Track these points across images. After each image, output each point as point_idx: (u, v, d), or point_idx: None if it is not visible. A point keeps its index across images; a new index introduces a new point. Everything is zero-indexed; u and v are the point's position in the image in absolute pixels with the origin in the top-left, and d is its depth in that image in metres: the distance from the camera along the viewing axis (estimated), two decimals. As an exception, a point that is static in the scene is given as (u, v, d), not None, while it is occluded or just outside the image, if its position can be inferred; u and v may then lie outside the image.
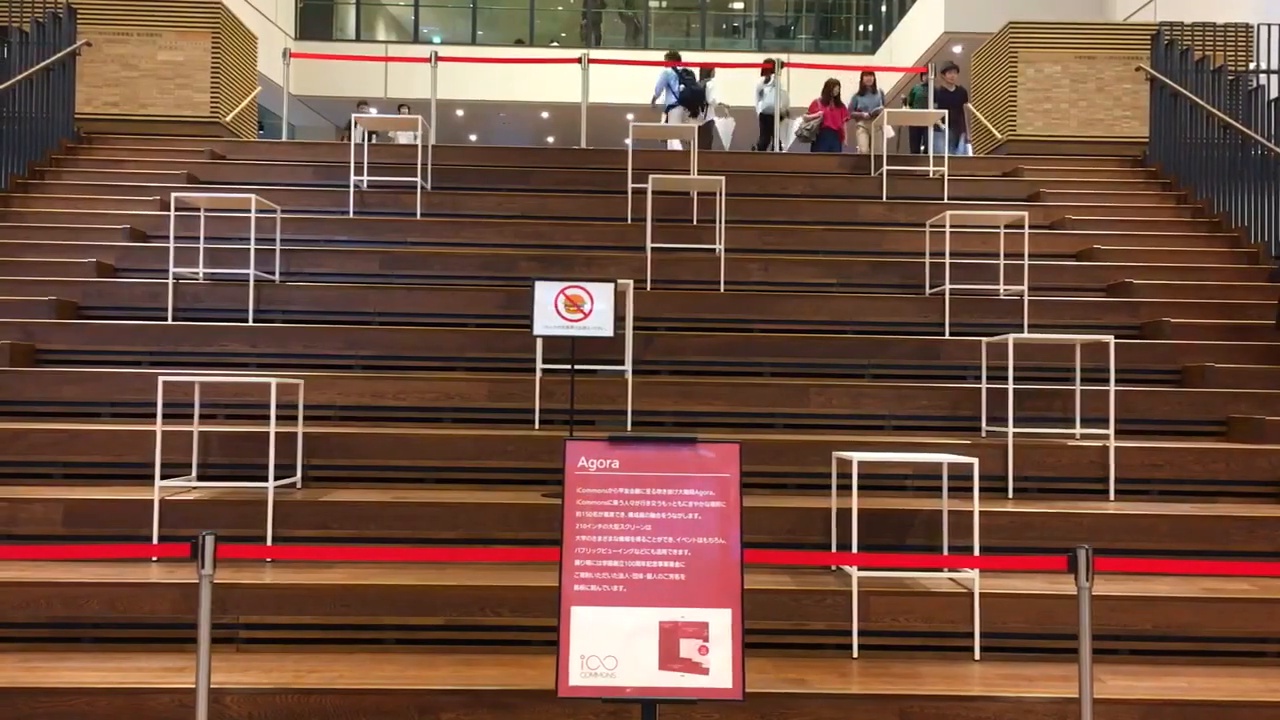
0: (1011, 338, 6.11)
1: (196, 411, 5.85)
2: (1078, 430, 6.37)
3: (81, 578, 4.74)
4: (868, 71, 14.05)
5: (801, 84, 20.36)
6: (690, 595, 3.56)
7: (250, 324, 7.35)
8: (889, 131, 12.73)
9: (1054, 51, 12.20)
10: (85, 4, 11.47)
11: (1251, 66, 11.35)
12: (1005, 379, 6.21)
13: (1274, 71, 10.84)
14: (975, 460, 4.84)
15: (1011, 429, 6.02)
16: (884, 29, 22.05)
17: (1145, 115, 11.62)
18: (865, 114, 13.70)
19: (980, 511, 4.95)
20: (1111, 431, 6.04)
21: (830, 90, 13.52)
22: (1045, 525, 5.40)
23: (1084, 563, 3.80)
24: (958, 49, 17.89)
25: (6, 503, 5.29)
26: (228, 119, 11.85)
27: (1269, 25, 11.29)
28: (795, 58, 20.81)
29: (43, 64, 10.11)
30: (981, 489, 5.09)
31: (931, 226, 8.20)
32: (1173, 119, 10.73)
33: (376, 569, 4.99)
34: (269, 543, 5.22)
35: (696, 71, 14.16)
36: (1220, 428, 6.67)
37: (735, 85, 20.23)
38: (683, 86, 13.88)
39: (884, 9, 22.36)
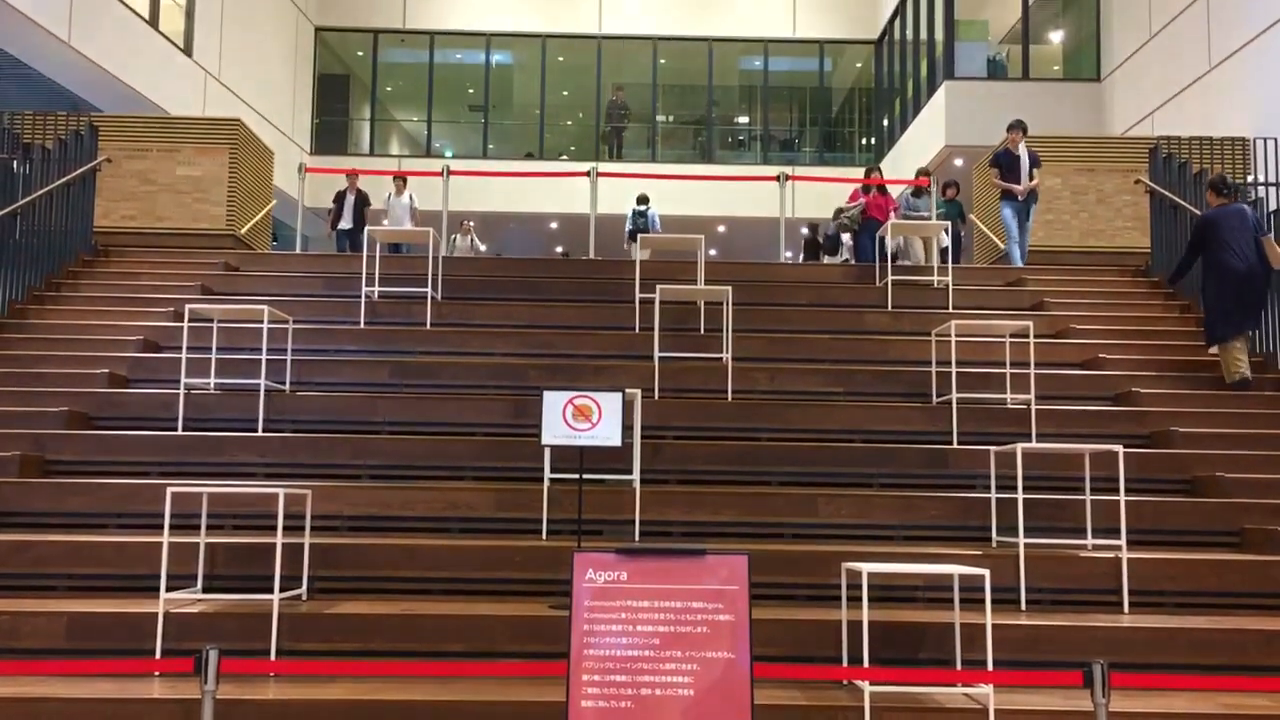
0: (1020, 447, 6.10)
1: (204, 522, 5.84)
2: (1089, 541, 6.31)
3: (82, 693, 4.68)
4: (925, 172, 13.22)
5: (806, 195, 20.74)
6: (700, 712, 3.50)
7: (260, 434, 7.38)
8: (944, 241, 12.33)
9: (1054, 164, 12.44)
10: (107, 121, 11.78)
11: (1249, 179, 11.54)
12: (1015, 489, 6.18)
13: (1273, 184, 11.02)
14: (986, 571, 4.80)
15: (1022, 539, 5.97)
16: (886, 142, 22.49)
17: (1146, 226, 11.77)
18: (922, 215, 12.75)
19: (993, 624, 4.89)
20: (1124, 542, 5.99)
21: (870, 176, 12.78)
22: (1059, 638, 5.33)
23: (1100, 678, 3.75)
24: (959, 162, 18.22)
25: (9, 616, 5.26)
26: (242, 231, 12.06)
27: (1264, 139, 11.51)
28: (800, 170, 21.22)
29: (63, 179, 10.34)
30: (994, 601, 5.03)
31: (937, 336, 8.26)
32: (1174, 230, 10.86)
33: (382, 684, 4.92)
34: (273, 656, 5.16)
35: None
36: (1233, 538, 6.61)
37: (747, 195, 20.61)
38: (631, 227, 15.65)
39: (885, 123, 22.84)
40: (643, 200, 16.13)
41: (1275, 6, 12.62)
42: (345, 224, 14.66)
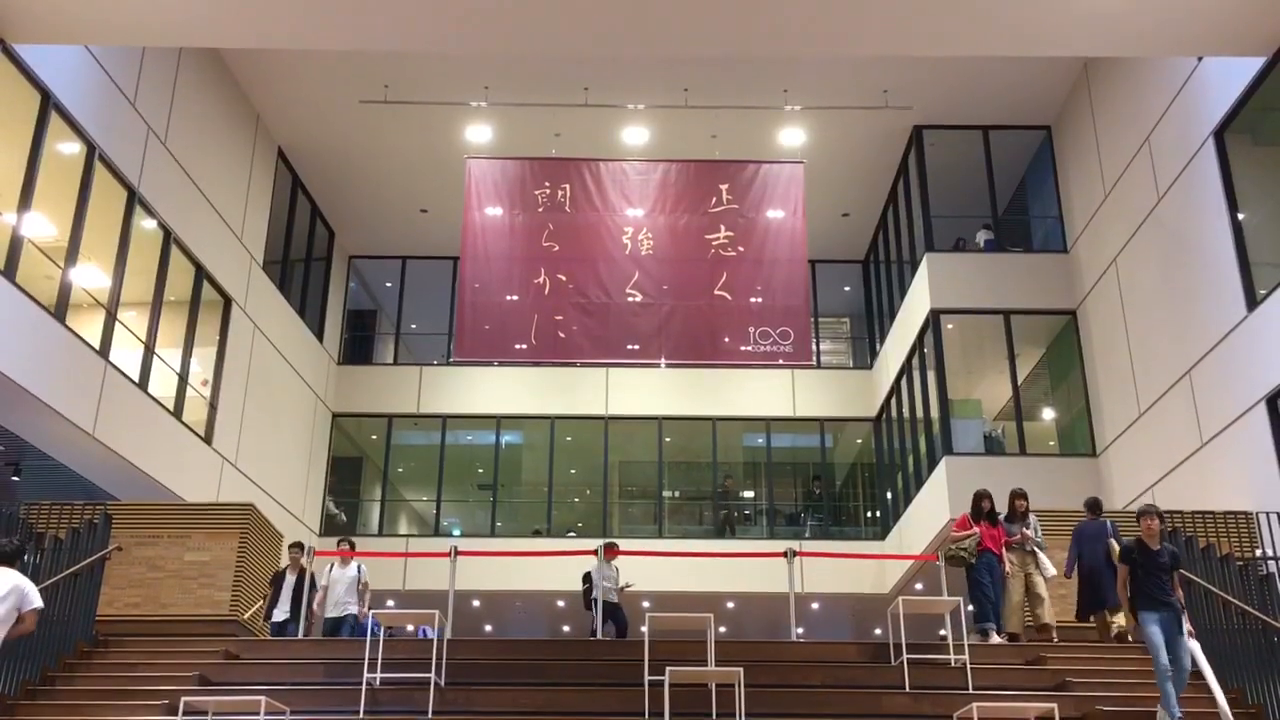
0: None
1: None
2: None
3: None
4: (1020, 495, 12.08)
5: (813, 570, 20.63)
6: None
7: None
8: (1049, 570, 11.63)
9: (1062, 538, 12.37)
10: (122, 510, 11.93)
11: (1258, 553, 11.48)
12: None
13: (1280, 559, 10.96)
14: None
15: None
16: (892, 515, 22.62)
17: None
18: (1014, 540, 11.84)
19: None
20: None
21: (979, 505, 11.93)
22: None
23: None
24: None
25: None
26: (245, 616, 11.90)
27: (1268, 514, 11.57)
28: (807, 545, 21.24)
29: (72, 569, 10.31)
30: None
31: (960, 719, 7.93)
32: (1192, 607, 10.61)
33: None
34: None
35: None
36: None
37: (755, 570, 20.46)
38: None
39: (889, 496, 23.10)
40: None
41: (1254, 388, 13.07)
42: (280, 614, 12.20)
